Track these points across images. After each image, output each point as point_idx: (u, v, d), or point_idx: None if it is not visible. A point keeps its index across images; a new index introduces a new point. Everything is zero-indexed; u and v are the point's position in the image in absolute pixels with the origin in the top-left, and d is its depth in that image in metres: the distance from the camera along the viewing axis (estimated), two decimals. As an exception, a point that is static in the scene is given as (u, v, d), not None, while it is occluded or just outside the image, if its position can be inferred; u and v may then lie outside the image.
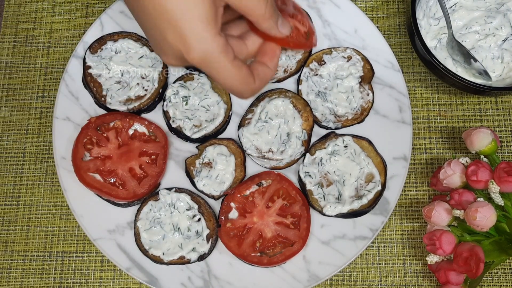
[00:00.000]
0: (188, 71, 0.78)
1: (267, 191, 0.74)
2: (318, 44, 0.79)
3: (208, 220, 0.73)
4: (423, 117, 0.80)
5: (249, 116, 0.77)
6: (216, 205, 0.75)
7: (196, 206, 0.73)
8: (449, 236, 0.66)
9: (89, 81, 0.77)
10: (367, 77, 0.78)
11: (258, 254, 0.71)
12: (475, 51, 0.76)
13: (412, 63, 0.82)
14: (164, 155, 0.75)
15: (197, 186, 0.74)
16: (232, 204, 0.73)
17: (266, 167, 0.75)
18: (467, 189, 0.68)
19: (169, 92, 0.76)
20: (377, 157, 0.75)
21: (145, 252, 0.72)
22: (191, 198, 0.73)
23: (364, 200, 0.72)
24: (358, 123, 0.77)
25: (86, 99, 0.78)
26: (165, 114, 0.76)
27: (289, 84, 0.79)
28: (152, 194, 0.74)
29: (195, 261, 0.72)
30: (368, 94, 0.78)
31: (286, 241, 0.72)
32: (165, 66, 0.78)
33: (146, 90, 0.77)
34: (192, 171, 0.75)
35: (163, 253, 0.71)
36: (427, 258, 0.68)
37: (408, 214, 0.77)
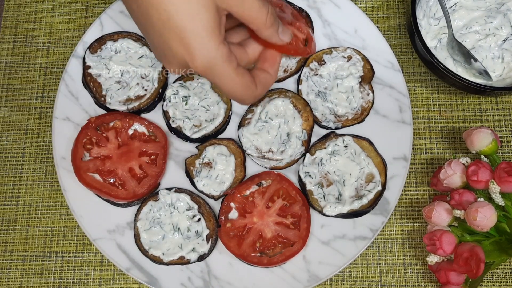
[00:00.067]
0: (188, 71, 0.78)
1: (267, 191, 0.74)
2: (318, 44, 0.79)
3: (208, 220, 0.73)
4: (423, 117, 0.80)
5: (249, 116, 0.77)
6: (216, 205, 0.74)
7: (196, 206, 0.73)
8: (450, 236, 0.66)
9: (89, 81, 0.77)
10: (367, 77, 0.78)
11: (258, 254, 0.71)
12: (475, 51, 0.76)
13: (412, 63, 0.82)
14: (164, 155, 0.74)
15: (197, 186, 0.74)
16: (232, 204, 0.73)
17: (266, 167, 0.75)
18: (468, 189, 0.68)
19: (169, 92, 0.76)
20: (377, 157, 0.75)
21: (145, 252, 0.72)
22: (191, 198, 0.73)
23: (364, 200, 0.72)
24: (358, 123, 0.77)
25: (86, 99, 0.77)
26: (165, 114, 0.76)
27: (289, 84, 0.79)
28: (152, 194, 0.74)
29: (195, 261, 0.72)
30: (368, 94, 0.77)
31: (286, 241, 0.72)
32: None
33: (146, 90, 0.77)
34: (192, 171, 0.74)
35: (163, 253, 0.71)
36: (428, 258, 0.68)
37: (408, 214, 0.77)
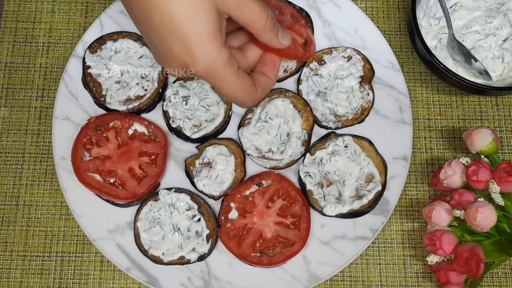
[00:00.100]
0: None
1: (267, 191, 0.74)
2: (318, 44, 0.79)
3: (208, 220, 0.73)
4: (424, 117, 0.80)
5: (249, 116, 0.77)
6: (216, 205, 0.74)
7: (196, 206, 0.73)
8: (450, 236, 0.66)
9: (89, 81, 0.77)
10: (367, 77, 0.78)
11: (258, 254, 0.71)
12: (476, 51, 0.76)
13: (413, 63, 0.82)
14: (164, 155, 0.74)
15: (197, 186, 0.74)
16: (232, 204, 0.73)
17: (266, 167, 0.75)
18: (468, 189, 0.68)
19: (169, 92, 0.76)
20: (377, 157, 0.75)
21: (145, 252, 0.72)
22: (191, 198, 0.73)
23: (364, 200, 0.72)
24: (358, 123, 0.77)
25: (86, 99, 0.77)
26: (165, 114, 0.76)
27: (289, 84, 0.79)
28: (152, 194, 0.74)
29: (195, 261, 0.72)
30: (368, 94, 0.77)
31: (286, 241, 0.72)
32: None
33: (146, 90, 0.77)
34: (192, 171, 0.74)
35: (163, 253, 0.71)
36: (428, 258, 0.68)
37: (408, 214, 0.77)
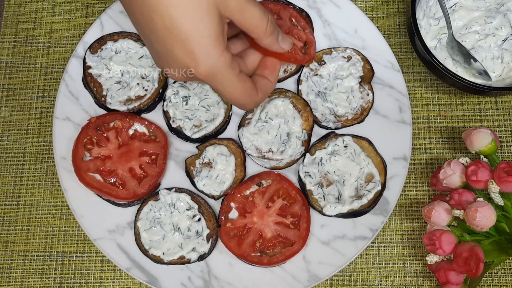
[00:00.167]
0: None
1: (267, 191, 0.74)
2: (318, 44, 0.79)
3: (208, 220, 0.73)
4: (423, 117, 0.80)
5: (249, 116, 0.77)
6: (216, 205, 0.75)
7: (196, 206, 0.73)
8: (449, 236, 0.66)
9: (89, 81, 0.77)
10: (367, 77, 0.78)
11: (258, 254, 0.71)
12: (475, 51, 0.76)
13: (412, 63, 0.82)
14: (164, 155, 0.75)
15: (197, 186, 0.74)
16: (232, 204, 0.73)
17: (266, 167, 0.75)
18: (467, 189, 0.68)
19: (169, 92, 0.76)
20: (377, 157, 0.75)
21: (145, 252, 0.72)
22: (191, 198, 0.73)
23: (364, 200, 0.72)
24: (358, 123, 0.77)
25: (86, 99, 0.78)
26: (165, 114, 0.76)
27: (289, 84, 0.79)
28: (152, 194, 0.74)
29: (195, 261, 0.72)
30: (368, 94, 0.78)
31: (286, 241, 0.72)
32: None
33: (146, 90, 0.77)
34: (192, 171, 0.75)
35: (163, 253, 0.71)
36: (427, 258, 0.68)
37: (408, 214, 0.77)
